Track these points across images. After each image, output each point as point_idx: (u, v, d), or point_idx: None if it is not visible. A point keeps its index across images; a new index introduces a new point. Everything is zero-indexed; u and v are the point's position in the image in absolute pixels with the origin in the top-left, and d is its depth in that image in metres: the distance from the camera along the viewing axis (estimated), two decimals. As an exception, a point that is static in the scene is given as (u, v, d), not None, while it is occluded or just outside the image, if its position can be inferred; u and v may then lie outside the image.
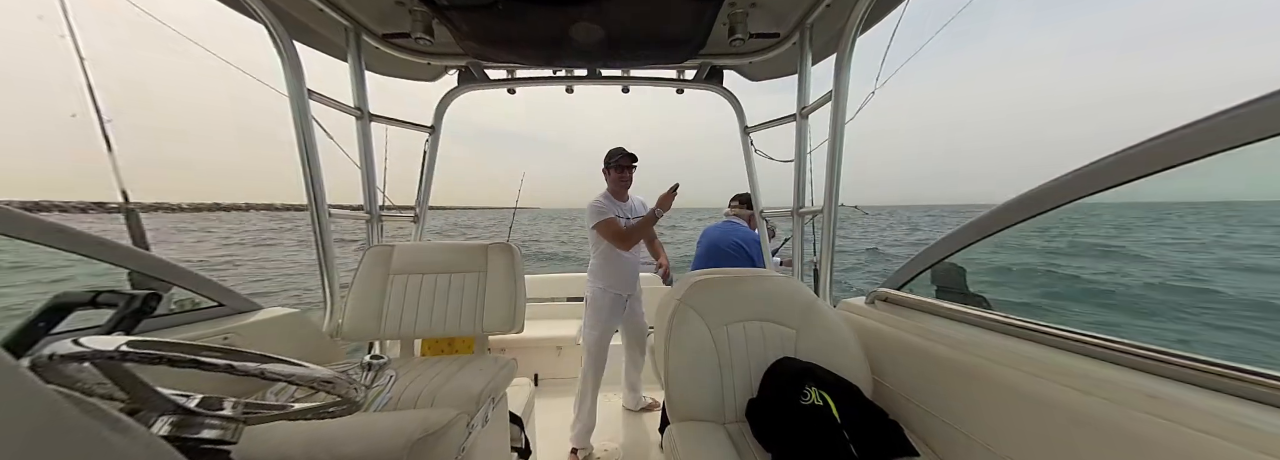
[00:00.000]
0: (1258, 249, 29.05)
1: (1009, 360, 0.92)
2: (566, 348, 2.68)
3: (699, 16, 1.52)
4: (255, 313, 1.46)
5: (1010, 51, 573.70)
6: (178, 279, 1.25)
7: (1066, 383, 0.80)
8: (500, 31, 1.60)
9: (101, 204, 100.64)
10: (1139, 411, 0.69)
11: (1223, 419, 0.61)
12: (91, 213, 69.59)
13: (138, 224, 1.29)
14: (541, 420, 2.14)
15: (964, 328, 1.09)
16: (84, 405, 0.35)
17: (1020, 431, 0.88)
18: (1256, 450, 0.57)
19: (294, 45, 1.47)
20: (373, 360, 1.38)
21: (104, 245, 1.07)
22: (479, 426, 1.30)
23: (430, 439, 0.98)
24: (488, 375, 1.40)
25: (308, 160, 1.53)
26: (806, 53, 1.75)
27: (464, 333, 1.67)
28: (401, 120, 1.99)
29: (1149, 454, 0.67)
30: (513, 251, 1.76)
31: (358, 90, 1.79)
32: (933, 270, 1.31)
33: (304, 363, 0.62)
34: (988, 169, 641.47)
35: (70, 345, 0.49)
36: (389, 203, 2.01)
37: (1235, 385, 0.64)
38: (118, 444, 0.35)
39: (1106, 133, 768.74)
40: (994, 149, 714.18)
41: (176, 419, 0.58)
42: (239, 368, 0.54)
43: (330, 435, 0.93)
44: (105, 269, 1.08)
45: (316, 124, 1.56)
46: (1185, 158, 0.72)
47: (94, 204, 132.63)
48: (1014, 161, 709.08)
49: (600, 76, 2.09)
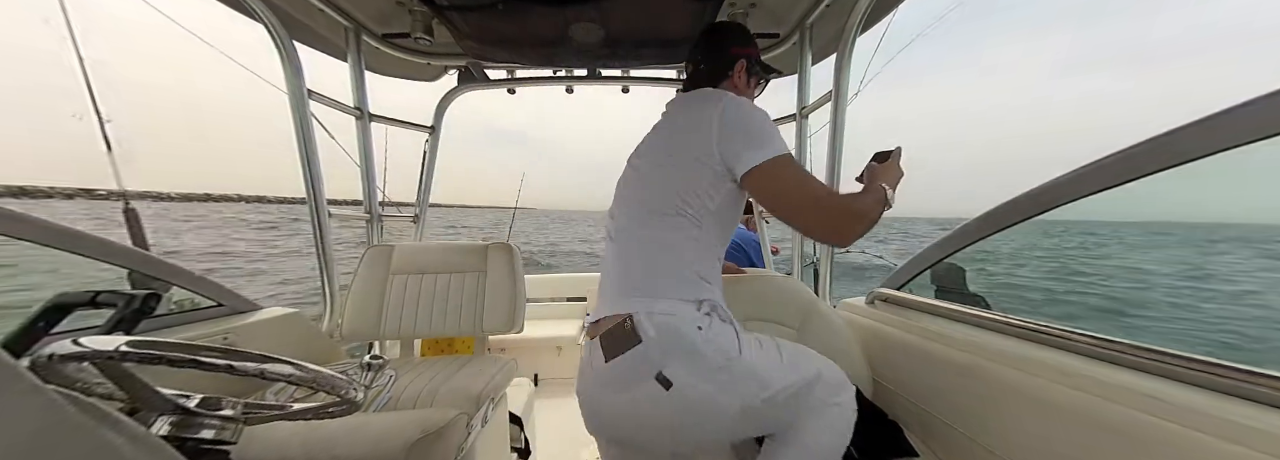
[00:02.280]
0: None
1: (1009, 360, 0.92)
2: (566, 348, 2.68)
3: (699, 16, 1.52)
4: (255, 313, 1.46)
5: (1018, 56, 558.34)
6: (177, 279, 1.24)
7: (1067, 383, 0.80)
8: (500, 31, 1.60)
9: (88, 190, 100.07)
10: (1139, 411, 0.69)
11: (1223, 419, 0.61)
12: (77, 199, 68.39)
13: (138, 224, 1.29)
14: (541, 420, 2.14)
15: (964, 328, 1.09)
16: (84, 405, 0.35)
17: (1020, 432, 0.88)
18: (1256, 450, 0.57)
19: (294, 45, 1.47)
20: (372, 360, 1.38)
21: (104, 245, 1.07)
22: (479, 426, 1.30)
23: (430, 439, 0.98)
24: (487, 375, 1.40)
25: (308, 160, 1.53)
26: (806, 53, 1.75)
27: (464, 333, 1.67)
28: (401, 120, 1.99)
29: (1149, 454, 0.67)
30: (513, 251, 1.76)
31: (358, 90, 1.79)
32: (932, 270, 1.31)
33: (303, 363, 0.62)
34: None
35: (70, 345, 0.49)
36: (387, 199, 2.01)
37: (1235, 385, 0.64)
38: (117, 444, 0.35)
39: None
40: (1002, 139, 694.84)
41: (176, 419, 0.59)
42: (239, 368, 0.54)
43: (330, 435, 0.93)
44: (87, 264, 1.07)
45: (317, 123, 1.56)
46: (1185, 157, 0.72)
47: (82, 190, 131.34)
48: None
49: (600, 76, 2.09)
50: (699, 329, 0.78)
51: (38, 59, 37.77)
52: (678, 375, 0.75)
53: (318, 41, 1.75)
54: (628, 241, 0.91)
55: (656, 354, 0.76)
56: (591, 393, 0.85)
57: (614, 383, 0.80)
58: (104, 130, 1.24)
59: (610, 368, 0.79)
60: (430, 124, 2.17)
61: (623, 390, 0.79)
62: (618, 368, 0.78)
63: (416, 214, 2.22)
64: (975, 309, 1.11)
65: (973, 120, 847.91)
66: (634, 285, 0.86)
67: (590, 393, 0.85)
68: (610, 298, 0.88)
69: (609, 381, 0.81)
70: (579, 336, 2.69)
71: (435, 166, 2.26)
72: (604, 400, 0.83)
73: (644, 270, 0.86)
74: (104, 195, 1.31)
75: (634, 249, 0.89)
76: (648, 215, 0.89)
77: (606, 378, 0.81)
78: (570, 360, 2.69)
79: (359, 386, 0.68)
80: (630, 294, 0.85)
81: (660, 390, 0.75)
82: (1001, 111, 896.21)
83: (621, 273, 0.89)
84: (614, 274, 0.91)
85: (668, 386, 0.74)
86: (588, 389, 0.85)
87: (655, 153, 0.95)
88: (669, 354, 0.76)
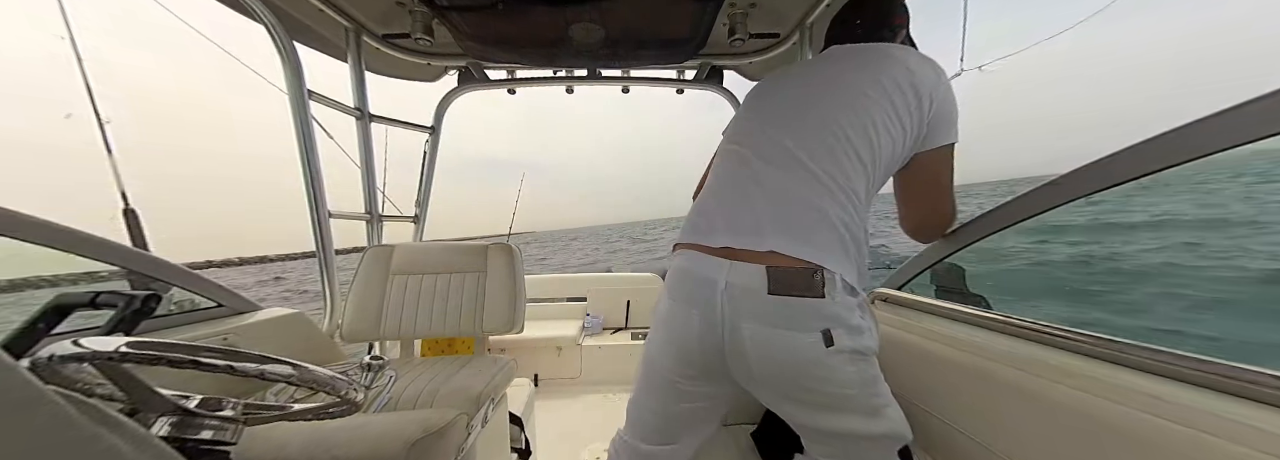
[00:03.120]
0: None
1: (1009, 360, 0.92)
2: (566, 348, 2.68)
3: (699, 17, 1.52)
4: (255, 313, 1.46)
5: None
6: (177, 279, 1.24)
7: (1067, 383, 0.80)
8: (500, 32, 1.60)
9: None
10: (1139, 411, 0.69)
11: (1223, 419, 0.61)
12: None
13: (137, 224, 1.29)
14: (541, 420, 2.14)
15: (964, 328, 1.09)
16: (83, 406, 0.35)
17: (1021, 432, 0.88)
18: (1257, 450, 0.57)
19: (294, 45, 1.47)
20: (372, 361, 1.38)
21: (104, 245, 1.07)
22: (479, 427, 1.30)
23: (430, 439, 0.98)
24: (487, 375, 1.40)
25: (308, 161, 1.53)
26: (806, 53, 1.75)
27: (464, 333, 1.67)
28: (402, 121, 1.99)
29: (1149, 454, 0.67)
30: (513, 252, 1.76)
31: (358, 90, 1.79)
32: (933, 270, 1.31)
33: (304, 363, 0.62)
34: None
35: (70, 346, 0.49)
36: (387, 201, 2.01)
37: (1235, 385, 0.64)
38: (117, 445, 0.35)
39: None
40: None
41: (176, 419, 0.58)
42: (239, 368, 0.54)
43: (330, 436, 0.93)
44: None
45: (317, 124, 1.56)
46: (1185, 157, 0.72)
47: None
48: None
49: (600, 77, 2.09)
50: (859, 317, 0.79)
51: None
52: (842, 341, 0.75)
53: (318, 42, 1.75)
54: (810, 182, 0.82)
55: (830, 314, 0.76)
56: (715, 308, 0.79)
57: (765, 315, 0.77)
58: (104, 132, 1.24)
59: (771, 300, 0.76)
60: (430, 124, 2.17)
61: (770, 324, 0.76)
62: (782, 305, 0.76)
63: (417, 214, 2.22)
64: (976, 309, 1.11)
65: (971, 120, 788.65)
66: (818, 241, 0.79)
67: (710, 306, 0.79)
68: (785, 231, 0.79)
69: (758, 310, 0.77)
70: (579, 337, 2.69)
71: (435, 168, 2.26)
72: (728, 321, 0.78)
73: (830, 230, 0.80)
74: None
75: (814, 198, 0.82)
76: (832, 163, 0.83)
77: (758, 305, 0.77)
78: (570, 360, 2.69)
79: (359, 387, 0.68)
80: (820, 245, 0.78)
81: (819, 342, 0.75)
82: (997, 108, 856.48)
83: (800, 214, 0.81)
84: (792, 210, 0.81)
85: (829, 344, 0.75)
86: (705, 298, 0.80)
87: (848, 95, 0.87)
88: (839, 321, 0.76)
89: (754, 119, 0.97)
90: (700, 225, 0.89)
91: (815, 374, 0.77)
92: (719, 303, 0.79)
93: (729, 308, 0.79)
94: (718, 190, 0.92)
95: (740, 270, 0.79)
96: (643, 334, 2.83)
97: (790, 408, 0.84)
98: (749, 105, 1.03)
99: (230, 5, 1.38)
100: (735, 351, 0.80)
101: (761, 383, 0.82)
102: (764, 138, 0.90)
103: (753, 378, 0.82)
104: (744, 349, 0.78)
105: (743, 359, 0.80)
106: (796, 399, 0.82)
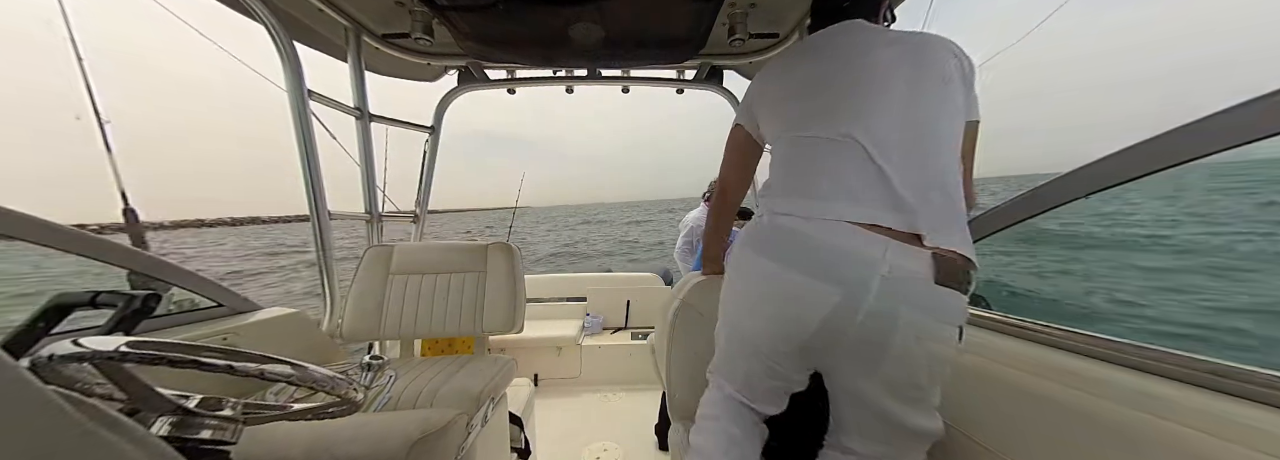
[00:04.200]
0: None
1: (1009, 360, 0.92)
2: (566, 348, 2.68)
3: (699, 17, 1.52)
4: (255, 313, 1.46)
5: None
6: (177, 279, 1.25)
7: (1067, 383, 0.80)
8: (500, 31, 1.60)
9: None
10: (1139, 411, 0.69)
11: (1223, 419, 0.61)
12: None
13: (137, 224, 1.29)
14: (541, 420, 2.14)
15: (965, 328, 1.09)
16: (83, 406, 0.35)
17: (1021, 432, 0.88)
18: (1257, 450, 0.57)
19: (294, 45, 1.47)
20: (372, 360, 1.38)
21: (104, 245, 1.07)
22: (479, 427, 1.30)
23: (430, 439, 0.98)
24: (487, 375, 1.40)
25: (308, 161, 1.53)
26: (806, 53, 1.75)
27: (464, 333, 1.67)
28: (401, 120, 1.99)
29: (1149, 454, 0.67)
30: (513, 251, 1.76)
31: (358, 90, 1.79)
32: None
33: (304, 363, 0.62)
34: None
35: (69, 346, 0.49)
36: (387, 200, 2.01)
37: (1235, 385, 0.64)
38: (117, 444, 0.35)
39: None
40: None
41: (176, 419, 0.58)
42: (239, 368, 0.54)
43: (330, 436, 0.93)
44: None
45: (318, 123, 1.56)
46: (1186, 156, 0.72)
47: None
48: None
49: (600, 76, 2.09)
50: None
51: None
52: (969, 338, 0.78)
53: (318, 41, 1.75)
54: (933, 162, 0.81)
55: (965, 310, 0.77)
56: (868, 290, 0.73)
57: (928, 304, 0.74)
58: (103, 131, 1.24)
59: (938, 291, 0.74)
60: (430, 124, 2.17)
61: (931, 314, 0.74)
62: (946, 296, 0.74)
63: (417, 214, 2.22)
64: (976, 309, 1.11)
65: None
66: (961, 235, 0.78)
67: (862, 287, 0.73)
68: (933, 218, 0.76)
69: (922, 298, 0.73)
70: (579, 336, 2.69)
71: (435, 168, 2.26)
72: (881, 305, 0.73)
73: (964, 223, 0.81)
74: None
75: (948, 188, 0.80)
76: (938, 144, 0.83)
77: (925, 293, 0.73)
78: (570, 360, 2.69)
79: (359, 387, 0.68)
80: (964, 240, 0.78)
81: (955, 338, 0.76)
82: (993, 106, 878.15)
83: (943, 205, 0.78)
84: (931, 195, 0.77)
85: (960, 339, 0.76)
86: (858, 278, 0.74)
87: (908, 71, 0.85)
88: (965, 319, 0.77)
89: (820, 99, 0.89)
90: (821, 190, 0.81)
91: (934, 369, 0.77)
92: (874, 284, 0.73)
93: (886, 290, 0.73)
94: (826, 170, 0.83)
95: (906, 253, 0.74)
96: (643, 334, 2.82)
97: (870, 387, 0.79)
98: (790, 90, 0.95)
99: (230, 5, 1.38)
100: (873, 337, 0.75)
101: (872, 365, 0.77)
102: (858, 125, 0.82)
103: (864, 359, 0.77)
104: (890, 337, 0.74)
105: (877, 346, 0.75)
106: (891, 383, 0.77)
